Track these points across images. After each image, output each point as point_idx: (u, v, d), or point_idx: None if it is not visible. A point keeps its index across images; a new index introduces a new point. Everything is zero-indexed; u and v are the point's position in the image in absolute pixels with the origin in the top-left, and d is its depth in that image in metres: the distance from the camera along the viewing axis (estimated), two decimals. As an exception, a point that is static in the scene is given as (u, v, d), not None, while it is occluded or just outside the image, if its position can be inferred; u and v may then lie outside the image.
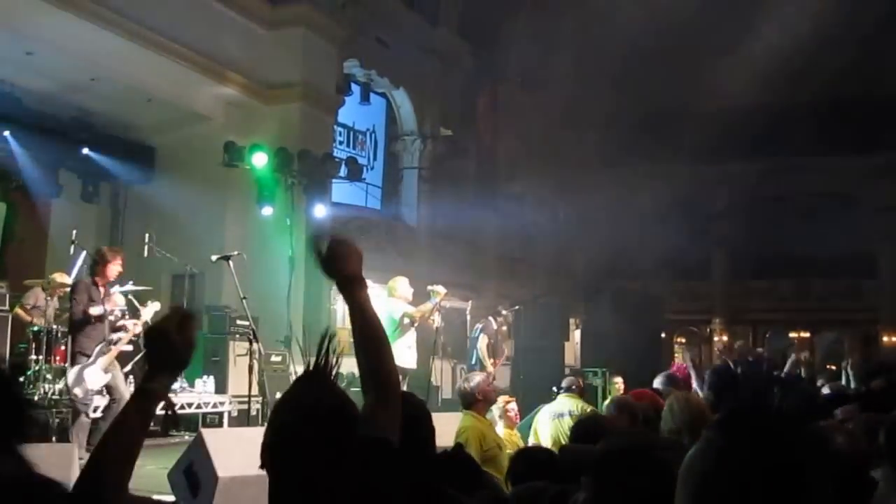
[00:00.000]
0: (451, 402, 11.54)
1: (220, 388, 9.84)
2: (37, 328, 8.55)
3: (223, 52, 12.04)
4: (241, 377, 8.78)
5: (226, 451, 4.87)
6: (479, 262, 17.57)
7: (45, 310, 8.84)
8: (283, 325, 10.56)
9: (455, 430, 5.30)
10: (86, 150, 12.14)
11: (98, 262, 7.20)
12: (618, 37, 16.10)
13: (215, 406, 9.72)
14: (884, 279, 22.87)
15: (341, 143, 15.75)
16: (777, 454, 1.21)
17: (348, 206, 14.98)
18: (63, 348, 8.14)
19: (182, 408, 9.10)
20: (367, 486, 1.60)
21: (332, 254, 1.98)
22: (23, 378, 8.32)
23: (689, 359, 5.47)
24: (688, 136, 18.92)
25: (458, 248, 16.23)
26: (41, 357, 8.29)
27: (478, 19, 17.85)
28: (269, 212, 11.33)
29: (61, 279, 8.92)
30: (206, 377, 9.77)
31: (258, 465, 1.66)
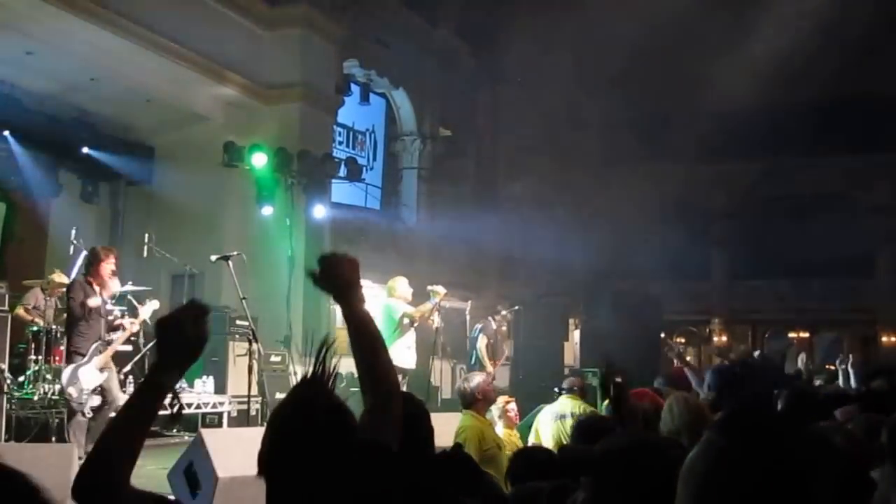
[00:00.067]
0: (450, 402, 11.54)
1: (220, 389, 9.84)
2: (36, 328, 8.55)
3: (223, 52, 12.04)
4: (240, 377, 8.78)
5: (225, 451, 4.88)
6: (478, 263, 17.55)
7: (44, 310, 8.84)
8: (282, 326, 10.57)
9: (455, 430, 5.30)
10: (86, 151, 12.15)
11: (92, 261, 7.21)
12: (617, 37, 16.09)
13: (215, 406, 9.72)
14: (882, 280, 22.86)
15: (341, 143, 15.75)
16: (778, 455, 1.21)
17: (348, 207, 14.98)
18: (62, 348, 8.14)
19: (181, 408, 9.08)
20: (364, 492, 1.59)
21: (324, 266, 1.98)
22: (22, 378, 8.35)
23: (675, 357, 5.44)
24: (687, 136, 18.89)
25: (457, 249, 16.22)
26: (41, 357, 8.30)
27: (477, 19, 17.84)
28: (269, 211, 11.34)
29: (60, 279, 8.92)
30: (205, 377, 9.76)
31: (256, 473, 1.66)
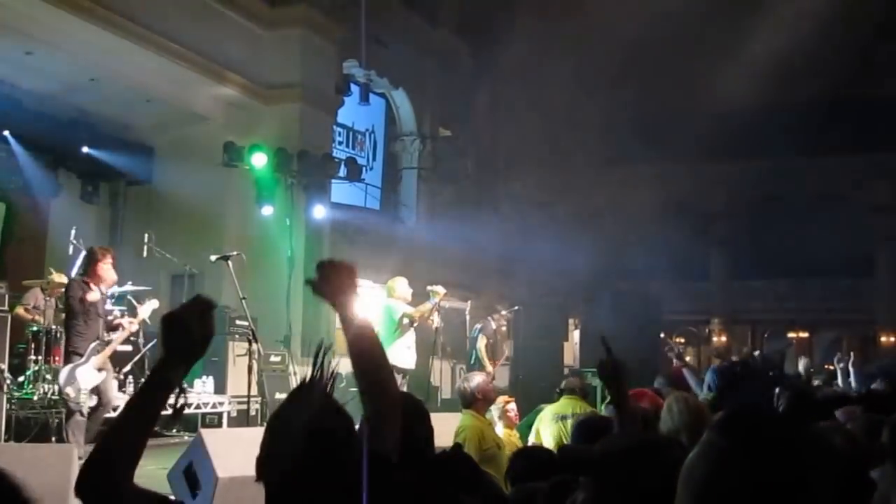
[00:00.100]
0: (450, 402, 11.55)
1: (220, 389, 9.84)
2: (36, 328, 8.55)
3: (223, 52, 12.05)
4: (240, 377, 8.77)
5: (225, 451, 4.88)
6: (478, 263, 17.55)
7: (44, 310, 8.83)
8: (282, 326, 10.57)
9: (454, 430, 5.30)
10: (85, 151, 12.15)
11: (89, 261, 7.21)
12: (617, 37, 16.10)
13: (214, 406, 9.72)
14: (881, 280, 22.87)
15: (340, 143, 15.75)
16: (779, 456, 1.21)
17: (347, 207, 14.98)
18: (62, 348, 8.13)
19: (186, 405, 9.08)
20: (362, 499, 1.58)
21: (321, 272, 1.98)
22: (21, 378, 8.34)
23: (675, 357, 5.41)
24: (686, 136, 18.90)
25: (456, 249, 16.20)
26: (40, 357, 8.30)
27: (477, 19, 17.84)
28: (269, 211, 11.34)
29: (60, 279, 8.90)
30: (205, 377, 9.76)
31: (255, 479, 1.65)
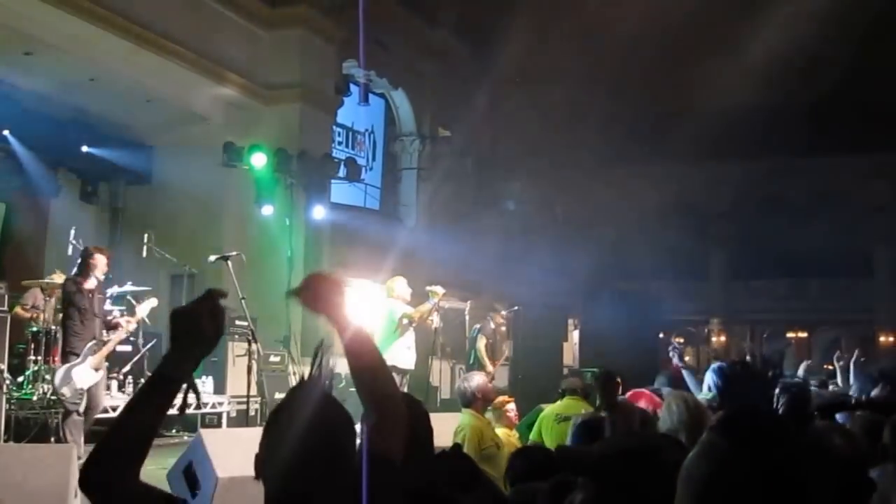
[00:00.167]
0: (449, 403, 11.55)
1: (219, 389, 9.83)
2: (35, 328, 8.54)
3: (222, 52, 12.05)
4: (239, 377, 8.77)
5: (225, 451, 4.88)
6: (477, 263, 17.55)
7: (43, 310, 8.83)
8: (281, 326, 10.55)
9: (454, 430, 5.31)
10: (85, 150, 12.15)
11: (85, 261, 7.21)
12: (616, 37, 16.10)
13: (214, 406, 9.71)
14: (880, 279, 22.90)
15: (340, 143, 15.76)
16: (778, 456, 1.21)
17: (347, 207, 15.00)
18: (61, 348, 8.13)
19: (180, 411, 9.06)
20: (362, 499, 1.58)
21: (308, 288, 1.87)
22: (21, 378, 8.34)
23: (677, 357, 5.41)
24: (685, 136, 18.91)
25: (456, 249, 16.21)
26: (40, 357, 8.29)
27: (476, 20, 17.84)
28: (269, 211, 11.33)
29: (59, 279, 8.90)
30: (204, 377, 9.75)
31: (254, 477, 1.65)
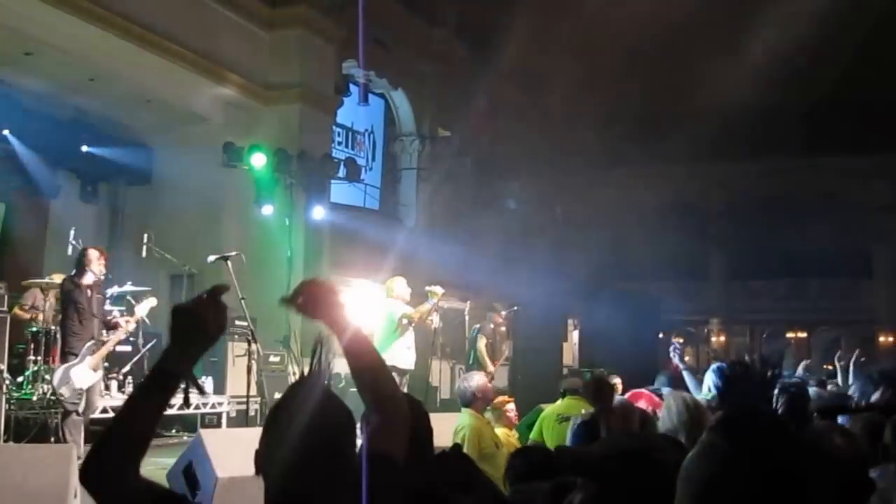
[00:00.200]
0: (449, 403, 11.55)
1: (219, 389, 9.83)
2: (35, 329, 8.54)
3: (222, 53, 12.05)
4: (239, 378, 8.78)
5: (224, 451, 4.89)
6: (477, 263, 17.55)
7: (43, 310, 8.82)
8: (281, 326, 10.56)
9: (453, 430, 5.31)
10: (85, 150, 12.15)
11: (82, 261, 7.22)
12: (616, 37, 16.12)
13: (213, 406, 9.71)
14: (880, 280, 22.91)
15: (340, 143, 15.76)
16: (778, 456, 1.22)
17: (347, 207, 15.00)
18: (62, 349, 8.12)
19: (181, 408, 9.09)
20: (362, 498, 1.58)
21: (302, 295, 1.82)
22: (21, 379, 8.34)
23: (678, 358, 5.42)
24: (685, 136, 18.92)
25: (455, 249, 16.21)
26: (39, 358, 8.28)
27: (476, 20, 17.84)
28: (268, 211, 11.33)
29: (58, 280, 8.89)
30: (204, 378, 9.75)
31: (254, 473, 1.65)
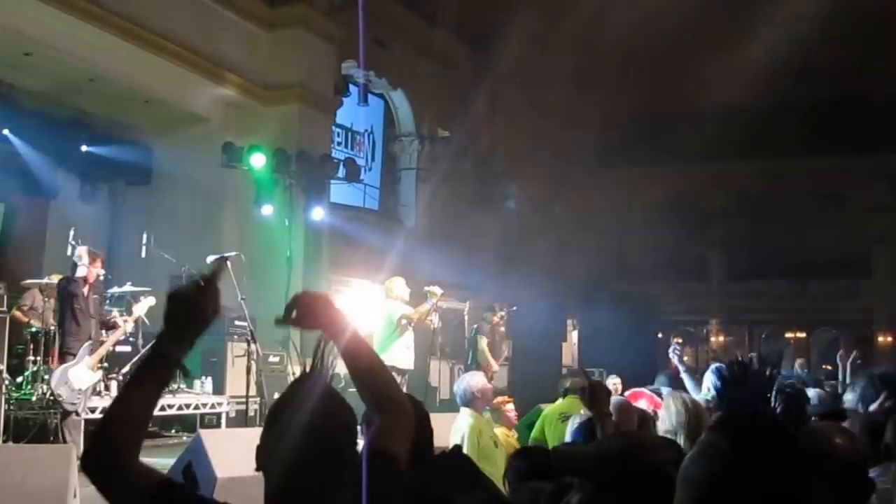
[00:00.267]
0: (449, 403, 11.55)
1: (218, 389, 9.83)
2: (35, 329, 8.54)
3: (221, 53, 12.05)
4: (238, 378, 8.78)
5: (224, 451, 4.90)
6: (476, 263, 17.56)
7: (42, 311, 8.82)
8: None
9: (453, 429, 5.32)
10: (85, 150, 12.15)
11: (77, 262, 7.24)
12: (615, 36, 16.12)
13: (213, 407, 9.71)
14: (879, 280, 22.91)
15: (339, 143, 15.75)
16: (778, 457, 1.22)
17: (346, 207, 14.99)
18: (61, 350, 8.12)
19: (180, 408, 9.10)
20: (363, 497, 1.58)
21: (297, 308, 1.82)
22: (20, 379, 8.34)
23: (678, 359, 5.42)
24: (684, 136, 18.93)
25: (455, 249, 16.21)
26: (38, 358, 8.28)
27: (476, 20, 17.84)
28: (269, 211, 11.32)
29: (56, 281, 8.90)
30: (203, 378, 9.76)
31: (254, 468, 1.66)
